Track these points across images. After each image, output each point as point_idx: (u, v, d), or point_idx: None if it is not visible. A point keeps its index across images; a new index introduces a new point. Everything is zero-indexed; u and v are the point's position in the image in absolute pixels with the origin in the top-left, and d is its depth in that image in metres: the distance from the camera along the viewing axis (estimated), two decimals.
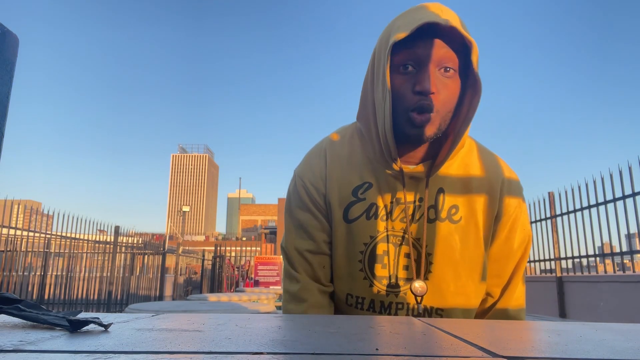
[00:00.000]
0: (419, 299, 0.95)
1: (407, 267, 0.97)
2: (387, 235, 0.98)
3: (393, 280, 0.97)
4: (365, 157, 1.02)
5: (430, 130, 0.90)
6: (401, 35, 0.86)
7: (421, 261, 0.96)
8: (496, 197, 1.00)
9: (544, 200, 5.98)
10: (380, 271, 0.97)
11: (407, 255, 0.97)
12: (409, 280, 0.97)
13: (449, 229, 0.97)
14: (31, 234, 7.30)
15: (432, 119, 0.89)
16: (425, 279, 0.96)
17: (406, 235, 0.97)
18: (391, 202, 0.98)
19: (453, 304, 0.98)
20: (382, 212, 0.98)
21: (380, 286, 0.97)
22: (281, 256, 1.13)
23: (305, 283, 1.03)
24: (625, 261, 4.96)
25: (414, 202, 0.98)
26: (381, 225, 0.98)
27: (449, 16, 0.87)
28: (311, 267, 1.04)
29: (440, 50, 0.88)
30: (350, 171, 1.02)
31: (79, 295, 8.24)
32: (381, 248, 0.98)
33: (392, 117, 0.91)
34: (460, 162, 1.01)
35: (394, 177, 0.98)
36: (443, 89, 0.89)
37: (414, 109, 0.89)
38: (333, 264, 1.03)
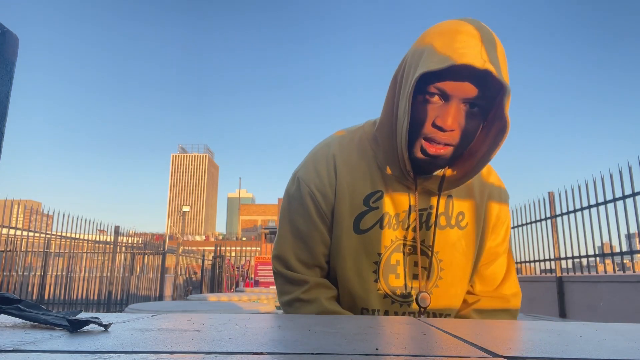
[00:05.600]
0: (422, 309, 0.96)
1: (416, 276, 0.97)
2: (400, 245, 0.97)
3: (406, 290, 0.97)
4: (375, 164, 0.99)
5: (442, 162, 0.90)
6: (432, 68, 0.82)
7: (432, 268, 0.97)
8: (494, 205, 1.06)
9: (544, 200, 5.98)
10: (395, 282, 0.96)
11: (416, 264, 0.97)
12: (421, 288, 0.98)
13: (457, 235, 0.99)
14: (31, 234, 7.31)
15: (445, 153, 0.88)
16: (436, 285, 0.98)
17: (417, 244, 0.97)
18: (403, 211, 0.97)
19: (458, 307, 1.03)
20: (393, 221, 0.96)
21: (395, 297, 0.97)
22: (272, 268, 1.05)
23: (316, 282, 1.00)
24: (625, 261, 4.96)
25: (426, 209, 0.97)
26: (393, 234, 0.96)
27: (487, 52, 0.82)
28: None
29: (470, 88, 0.84)
30: (360, 179, 0.98)
31: (79, 295, 8.24)
32: (394, 258, 0.96)
33: (407, 140, 0.89)
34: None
35: (406, 186, 0.97)
36: (463, 124, 0.86)
37: (430, 139, 0.87)
38: (340, 280, 0.99)
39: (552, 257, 5.84)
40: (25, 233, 7.19)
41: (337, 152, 1.01)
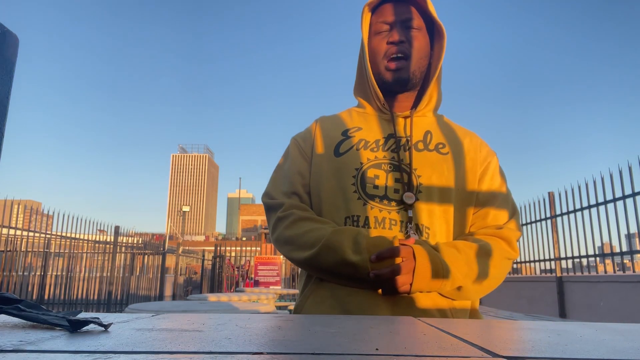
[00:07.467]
0: (408, 206, 1.02)
1: (397, 191, 1.04)
2: (380, 163, 1.06)
3: (385, 200, 1.03)
4: (356, 112, 1.18)
5: (404, 73, 1.08)
6: (370, 1, 1.10)
7: (411, 184, 1.04)
8: (480, 153, 1.14)
9: (544, 200, 5.97)
10: (373, 190, 1.04)
11: (397, 180, 1.05)
12: (401, 201, 1.03)
13: (438, 158, 1.08)
14: (31, 234, 7.31)
15: (405, 65, 1.08)
16: (416, 199, 1.03)
17: (396, 163, 1.06)
18: (383, 138, 1.10)
19: (438, 225, 1.05)
20: (373, 145, 1.09)
21: (374, 203, 1.03)
22: (264, 204, 1.15)
23: (292, 204, 1.09)
24: (625, 261, 4.96)
25: (403, 137, 1.10)
26: (371, 154, 1.08)
27: None
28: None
29: (406, 12, 1.10)
30: (341, 122, 1.17)
31: (79, 295, 8.24)
32: (372, 172, 1.06)
33: (371, 68, 1.11)
34: (444, 122, 1.18)
35: (384, 120, 1.13)
36: (412, 40, 1.09)
37: (388, 56, 1.09)
38: (324, 199, 1.07)
39: (552, 257, 5.83)
40: (25, 233, 7.19)
41: (324, 117, 1.22)
